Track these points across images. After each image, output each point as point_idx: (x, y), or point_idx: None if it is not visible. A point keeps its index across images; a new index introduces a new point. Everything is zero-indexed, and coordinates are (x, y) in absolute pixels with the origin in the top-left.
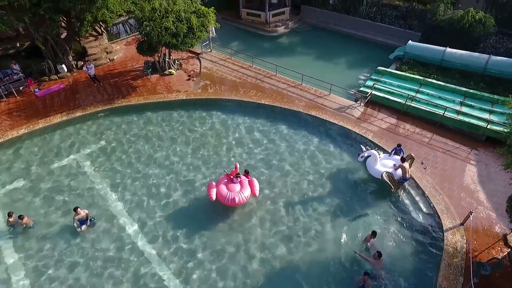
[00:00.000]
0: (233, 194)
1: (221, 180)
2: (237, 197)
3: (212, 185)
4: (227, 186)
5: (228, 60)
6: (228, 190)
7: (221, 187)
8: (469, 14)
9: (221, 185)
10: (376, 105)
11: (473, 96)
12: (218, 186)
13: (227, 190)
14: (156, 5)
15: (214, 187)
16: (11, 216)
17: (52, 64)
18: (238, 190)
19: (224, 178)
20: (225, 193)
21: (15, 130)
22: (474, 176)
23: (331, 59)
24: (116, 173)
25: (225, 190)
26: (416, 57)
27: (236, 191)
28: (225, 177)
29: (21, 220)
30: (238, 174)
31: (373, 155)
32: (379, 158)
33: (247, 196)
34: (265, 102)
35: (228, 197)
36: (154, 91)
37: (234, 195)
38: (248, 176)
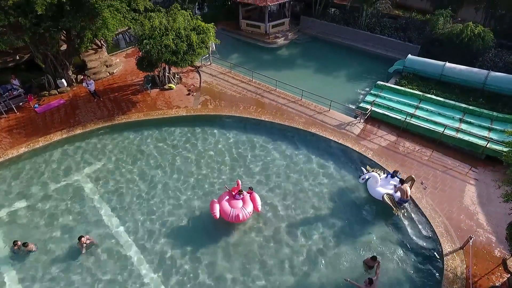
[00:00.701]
0: (236, 211)
1: (223, 197)
2: (241, 213)
3: (215, 203)
4: (229, 203)
5: (228, 74)
6: (231, 207)
7: (224, 204)
8: (468, 28)
9: (224, 203)
10: (376, 121)
11: (472, 113)
12: (220, 203)
13: (230, 207)
14: (156, 23)
15: (217, 205)
16: (16, 244)
17: (51, 78)
18: (241, 206)
19: (226, 195)
20: (229, 210)
21: (15, 148)
22: (474, 197)
23: (331, 72)
24: (116, 193)
25: (228, 207)
26: (415, 71)
27: (239, 207)
28: (226, 194)
29: (26, 247)
30: (241, 190)
31: (373, 177)
32: (380, 179)
33: (250, 212)
34: (265, 118)
35: (232, 214)
36: (154, 106)
37: (237, 212)
38: (251, 192)
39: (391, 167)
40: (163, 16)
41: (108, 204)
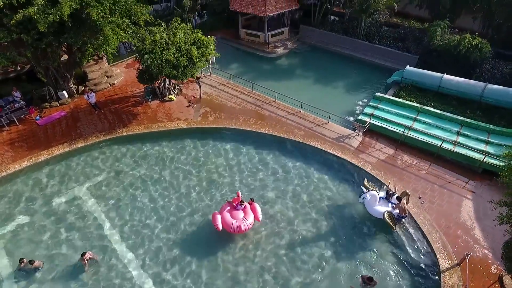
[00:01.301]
0: (238, 222)
1: (224, 208)
2: (242, 224)
3: (217, 214)
4: (231, 214)
5: (227, 84)
6: (233, 218)
7: (226, 216)
8: (465, 40)
9: (226, 214)
10: (374, 134)
11: (469, 125)
12: (222, 215)
13: (231, 218)
14: (157, 37)
15: (219, 217)
16: (23, 262)
17: (52, 90)
18: (242, 217)
19: (227, 206)
20: (230, 221)
21: (17, 162)
22: (471, 212)
23: (330, 82)
24: (118, 207)
25: (230, 218)
26: (413, 83)
27: (240, 218)
28: (228, 205)
29: (32, 264)
30: (242, 201)
31: (372, 196)
32: (379, 197)
33: (251, 222)
34: (265, 131)
35: (234, 226)
36: (154, 119)
37: (239, 223)
38: (251, 203)
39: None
40: (163, 31)
41: (109, 219)
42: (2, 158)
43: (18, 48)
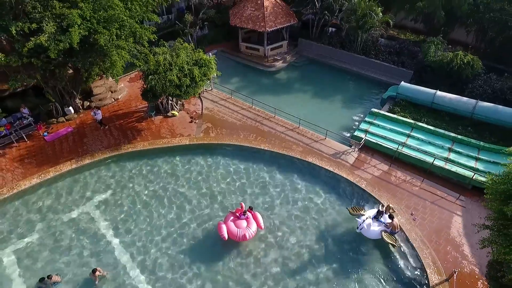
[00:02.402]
0: (242, 231)
1: (228, 218)
2: (247, 233)
3: (222, 225)
4: (235, 223)
5: (228, 100)
6: (237, 227)
7: (230, 225)
8: (457, 57)
9: (230, 224)
10: (370, 150)
11: (461, 142)
12: (227, 225)
13: (236, 227)
14: (161, 59)
15: (224, 227)
16: (42, 281)
17: (59, 106)
18: (246, 226)
19: (230, 216)
20: (235, 231)
21: (27, 179)
22: (460, 228)
23: (327, 96)
24: (125, 223)
25: (235, 228)
26: (408, 98)
27: (244, 227)
28: (231, 215)
29: (50, 279)
30: (245, 211)
31: (368, 224)
32: (372, 221)
33: (254, 230)
34: (265, 147)
35: (239, 235)
36: (158, 135)
37: (243, 231)
38: (252, 211)
39: (384, 198)
40: (166, 52)
41: (118, 234)
42: (13, 175)
43: (28, 71)
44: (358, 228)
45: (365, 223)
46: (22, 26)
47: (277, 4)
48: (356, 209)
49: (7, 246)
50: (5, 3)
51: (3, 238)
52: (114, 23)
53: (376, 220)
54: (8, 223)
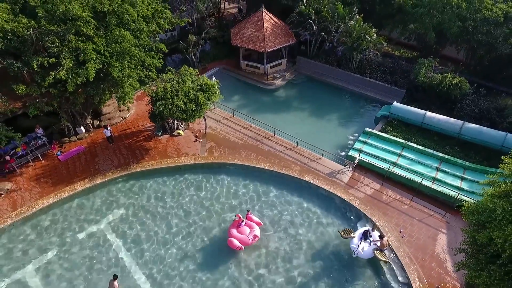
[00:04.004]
0: (251, 236)
1: (233, 232)
2: (254, 233)
3: (233, 240)
4: (241, 233)
5: (230, 119)
6: (244, 234)
7: (239, 236)
8: (446, 79)
9: (238, 235)
10: (363, 169)
11: (448, 161)
12: (236, 238)
13: (244, 235)
14: (168, 86)
15: (235, 241)
16: None
17: (71, 126)
18: (249, 232)
19: (233, 228)
20: (245, 238)
21: (44, 199)
22: (444, 246)
23: (324, 114)
24: (137, 242)
25: (244, 236)
26: (399, 118)
27: (247, 233)
28: (233, 227)
29: None
30: (243, 220)
31: (362, 248)
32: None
33: (259, 232)
34: (265, 166)
35: (250, 240)
36: (165, 154)
37: (252, 234)
38: (249, 214)
39: (375, 216)
40: (173, 78)
41: (130, 252)
42: (31, 194)
43: (46, 99)
44: (354, 253)
45: (359, 248)
46: (42, 61)
47: (276, 25)
48: (347, 232)
49: (28, 263)
50: (27, 40)
51: (24, 256)
52: (126, 55)
53: (366, 240)
54: (28, 241)
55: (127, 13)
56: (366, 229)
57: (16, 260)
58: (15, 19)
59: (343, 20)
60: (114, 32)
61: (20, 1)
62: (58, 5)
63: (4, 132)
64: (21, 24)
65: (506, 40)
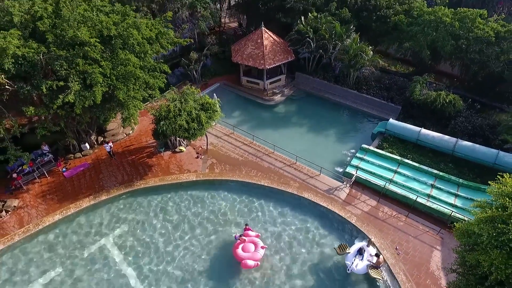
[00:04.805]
0: (258, 249)
1: (239, 253)
2: (260, 251)
3: (246, 261)
4: (248, 251)
5: (231, 135)
6: (251, 251)
7: (248, 255)
8: (440, 97)
9: (247, 255)
10: (360, 185)
11: (442, 178)
12: (247, 257)
13: (252, 252)
14: (171, 106)
15: (249, 261)
16: None
17: (76, 142)
18: (255, 247)
19: (239, 248)
20: (255, 254)
21: (50, 216)
22: (439, 263)
23: (322, 130)
24: (141, 258)
25: (254, 253)
26: (395, 135)
27: (252, 251)
28: (238, 247)
29: None
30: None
31: (357, 264)
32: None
33: (261, 242)
34: (264, 183)
35: (260, 255)
36: (167, 170)
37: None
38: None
39: (371, 233)
40: (176, 98)
41: (133, 267)
42: (37, 211)
43: (54, 119)
44: (348, 269)
45: (354, 264)
46: (51, 84)
47: (275, 42)
48: (342, 248)
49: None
50: (37, 64)
51: (29, 273)
52: (131, 78)
53: (360, 256)
54: (35, 259)
55: (132, 37)
56: (361, 245)
57: (22, 277)
58: (26, 44)
59: (340, 38)
60: (120, 55)
61: (30, 25)
62: (66, 30)
63: (13, 152)
64: (31, 49)
65: (497, 58)
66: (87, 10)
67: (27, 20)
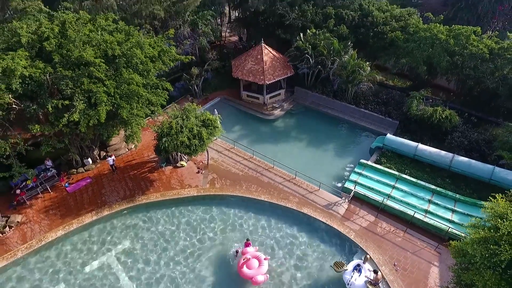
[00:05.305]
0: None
1: (245, 271)
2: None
3: (256, 278)
4: (253, 268)
5: (231, 150)
6: (256, 267)
7: (256, 271)
8: (437, 112)
9: (254, 272)
10: (358, 201)
11: (439, 194)
12: (255, 274)
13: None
14: (173, 123)
15: (260, 277)
16: None
17: (79, 157)
18: (259, 263)
19: (243, 267)
20: (260, 269)
21: (53, 231)
22: (436, 279)
23: (321, 144)
24: (142, 273)
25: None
26: (393, 150)
27: (257, 266)
28: (243, 266)
29: None
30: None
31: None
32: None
33: (262, 254)
34: (264, 198)
35: (265, 268)
36: (169, 185)
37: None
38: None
39: (370, 249)
40: (178, 115)
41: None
42: (40, 227)
43: (58, 136)
44: (347, 284)
45: (353, 279)
46: (57, 103)
47: (275, 58)
48: (339, 265)
49: None
50: (43, 84)
51: None
52: (134, 96)
53: (358, 271)
54: (38, 275)
55: (135, 56)
56: (359, 261)
57: None
58: (33, 64)
59: (338, 54)
60: (124, 75)
61: (37, 45)
62: (72, 50)
63: (18, 169)
64: (38, 69)
65: (492, 74)
66: (92, 30)
67: (34, 40)
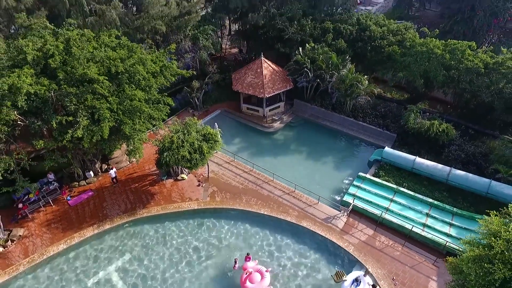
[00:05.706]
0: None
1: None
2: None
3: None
4: (255, 281)
5: (231, 163)
6: (258, 281)
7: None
8: (434, 126)
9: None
10: (357, 214)
11: (437, 207)
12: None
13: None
14: (175, 138)
15: None
16: None
17: (81, 170)
18: (261, 277)
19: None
20: (263, 283)
21: (55, 245)
22: None
23: (320, 157)
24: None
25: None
26: (391, 163)
27: (260, 280)
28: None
29: None
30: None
31: None
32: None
33: (263, 267)
34: (264, 212)
35: (267, 280)
36: (169, 198)
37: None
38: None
39: (369, 263)
40: (179, 130)
41: None
42: (42, 240)
43: (61, 151)
44: None
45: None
46: (61, 119)
47: (274, 71)
48: (339, 275)
49: None
50: (48, 101)
51: None
52: (137, 112)
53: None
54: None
55: (138, 73)
56: (358, 274)
57: None
58: (38, 81)
59: (336, 68)
60: (127, 91)
61: (42, 62)
62: (76, 67)
63: (21, 184)
64: (43, 87)
65: (488, 88)
66: (96, 47)
67: (39, 57)
